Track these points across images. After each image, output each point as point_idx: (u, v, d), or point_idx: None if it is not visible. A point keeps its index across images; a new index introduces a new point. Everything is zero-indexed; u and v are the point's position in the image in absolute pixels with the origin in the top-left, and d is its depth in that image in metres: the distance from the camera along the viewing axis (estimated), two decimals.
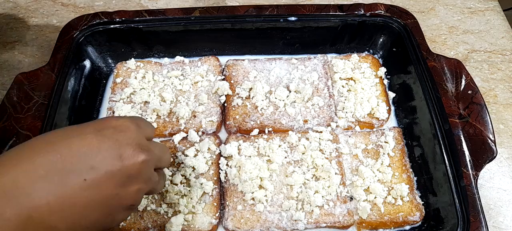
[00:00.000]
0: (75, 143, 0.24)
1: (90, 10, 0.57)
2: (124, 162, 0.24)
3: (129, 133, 0.26)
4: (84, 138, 0.24)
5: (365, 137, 0.45)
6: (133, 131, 0.26)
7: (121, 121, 0.26)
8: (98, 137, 0.24)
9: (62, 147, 0.23)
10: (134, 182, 0.25)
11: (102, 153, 0.24)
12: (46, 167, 0.22)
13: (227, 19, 0.47)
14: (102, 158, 0.24)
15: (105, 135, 0.25)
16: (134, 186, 0.26)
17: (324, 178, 0.40)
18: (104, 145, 0.24)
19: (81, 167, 0.23)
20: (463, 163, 0.37)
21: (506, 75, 0.52)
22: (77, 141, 0.24)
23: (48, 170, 0.22)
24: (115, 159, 0.24)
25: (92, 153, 0.24)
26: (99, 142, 0.24)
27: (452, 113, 0.40)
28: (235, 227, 0.38)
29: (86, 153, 0.23)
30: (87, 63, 0.47)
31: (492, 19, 0.58)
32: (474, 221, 0.35)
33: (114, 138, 0.25)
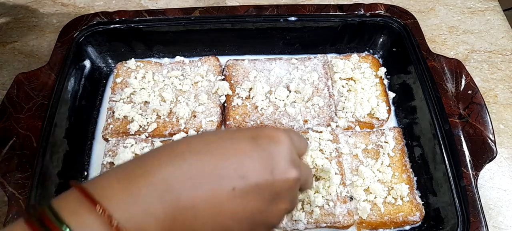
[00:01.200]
0: (228, 148, 0.22)
1: (90, 10, 0.57)
2: (276, 177, 0.22)
3: (284, 146, 0.24)
4: (238, 144, 0.23)
5: (365, 137, 0.45)
6: (288, 145, 0.24)
7: (276, 133, 0.24)
8: (252, 145, 0.23)
9: (215, 150, 0.22)
10: (282, 200, 0.23)
11: (254, 162, 0.22)
12: (197, 168, 0.21)
13: (227, 19, 0.47)
14: (253, 168, 0.22)
15: (260, 144, 0.23)
16: (281, 205, 0.23)
17: (324, 178, 0.40)
18: (257, 154, 0.22)
19: (232, 174, 0.21)
20: (463, 163, 0.37)
21: (506, 75, 0.52)
22: (230, 145, 0.22)
23: (199, 172, 0.21)
24: (267, 172, 0.22)
25: (244, 160, 0.22)
26: (252, 150, 0.22)
27: (452, 114, 0.40)
28: None
29: (238, 159, 0.22)
30: (87, 63, 0.47)
31: (492, 19, 0.58)
32: (474, 221, 0.35)
33: (268, 149, 0.23)
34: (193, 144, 0.22)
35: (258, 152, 0.22)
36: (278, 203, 0.23)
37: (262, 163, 0.22)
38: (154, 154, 0.22)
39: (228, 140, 0.23)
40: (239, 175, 0.21)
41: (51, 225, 0.19)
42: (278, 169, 0.23)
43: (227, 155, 0.22)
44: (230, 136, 0.23)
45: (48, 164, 0.38)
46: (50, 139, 0.39)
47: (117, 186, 0.20)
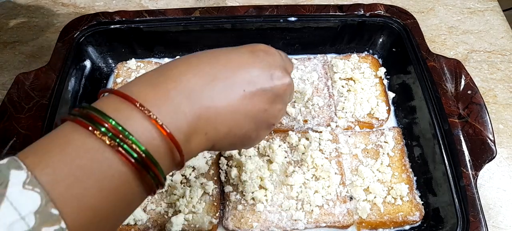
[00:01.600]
0: (234, 59, 0.26)
1: (90, 10, 0.57)
2: (274, 82, 0.27)
3: (276, 57, 0.29)
4: (241, 55, 0.27)
5: (365, 136, 0.45)
6: (279, 57, 0.29)
7: (269, 47, 0.29)
8: (253, 57, 0.27)
9: (224, 60, 0.26)
10: (279, 102, 0.28)
11: (256, 70, 0.26)
12: (212, 75, 0.25)
13: (227, 19, 0.47)
14: (257, 75, 0.26)
15: (258, 55, 0.27)
16: (279, 105, 0.28)
17: (324, 178, 0.40)
18: (258, 64, 0.27)
19: (241, 79, 0.26)
20: (463, 163, 0.38)
21: (506, 75, 0.52)
22: (236, 57, 0.27)
23: (214, 78, 0.25)
24: (268, 78, 0.27)
25: (249, 69, 0.26)
26: (254, 61, 0.27)
27: (452, 114, 0.41)
28: (235, 226, 0.38)
29: (244, 68, 0.26)
30: (87, 63, 0.48)
31: (491, 19, 0.58)
32: (473, 220, 0.35)
33: (266, 59, 0.28)
34: (205, 57, 0.26)
35: (258, 62, 0.27)
36: (277, 104, 0.28)
37: (263, 70, 0.27)
38: (171, 66, 0.25)
39: (232, 54, 0.27)
40: (247, 81, 0.26)
41: (98, 120, 0.21)
42: (276, 75, 0.27)
43: (235, 65, 0.26)
44: (233, 51, 0.27)
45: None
46: None
47: (147, 90, 0.23)
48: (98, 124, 0.20)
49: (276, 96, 0.27)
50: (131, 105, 0.22)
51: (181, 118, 0.23)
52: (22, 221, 0.17)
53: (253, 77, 0.26)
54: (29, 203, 0.18)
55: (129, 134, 0.21)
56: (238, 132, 0.26)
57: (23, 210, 0.17)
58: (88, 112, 0.21)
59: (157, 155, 0.22)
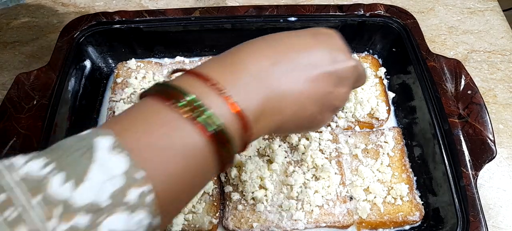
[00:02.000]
0: (297, 42, 0.27)
1: (90, 10, 0.57)
2: (338, 65, 0.27)
3: (338, 40, 0.29)
4: (303, 39, 0.27)
5: (365, 137, 0.45)
6: (340, 40, 0.29)
7: (331, 30, 0.29)
8: (315, 41, 0.27)
9: (287, 44, 0.27)
10: (344, 84, 0.28)
11: (319, 53, 0.27)
12: (276, 58, 0.25)
13: (227, 19, 0.47)
14: (320, 58, 0.26)
15: (319, 39, 0.28)
16: (343, 88, 0.28)
17: (324, 178, 0.40)
18: (320, 46, 0.27)
19: (305, 62, 0.26)
20: (463, 163, 0.38)
21: (506, 75, 0.52)
22: (298, 40, 0.27)
23: (278, 61, 0.25)
24: (330, 60, 0.27)
25: (312, 52, 0.26)
26: (316, 44, 0.27)
27: (452, 114, 0.41)
28: (235, 226, 0.38)
29: (307, 51, 0.26)
30: (87, 63, 0.48)
31: (491, 19, 0.58)
32: (473, 220, 0.35)
33: (328, 42, 0.28)
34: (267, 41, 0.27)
35: (321, 44, 0.27)
36: (342, 87, 0.28)
37: (325, 53, 0.27)
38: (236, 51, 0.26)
39: (294, 38, 0.27)
40: (310, 64, 0.26)
41: (177, 95, 0.22)
42: (339, 58, 0.27)
43: (298, 49, 0.26)
44: (295, 34, 0.28)
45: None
46: (50, 139, 0.39)
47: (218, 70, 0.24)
48: (176, 98, 0.22)
49: (340, 79, 0.27)
50: (205, 83, 0.23)
51: (250, 98, 0.24)
52: (111, 182, 0.18)
53: (316, 60, 0.26)
54: (117, 165, 0.18)
55: (206, 109, 0.22)
56: (303, 114, 0.26)
57: (112, 172, 0.18)
58: (167, 89, 0.22)
59: (229, 129, 0.22)
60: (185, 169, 0.21)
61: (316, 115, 0.27)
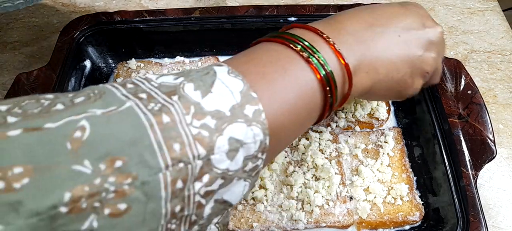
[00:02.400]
0: (388, 10, 0.29)
1: (90, 10, 0.57)
2: (427, 29, 0.29)
3: (423, 9, 0.31)
4: (394, 7, 0.30)
5: (365, 137, 0.45)
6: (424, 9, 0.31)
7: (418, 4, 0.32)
8: (404, 9, 0.30)
9: (380, 11, 0.29)
10: (433, 49, 0.30)
11: (409, 18, 0.29)
12: (371, 22, 0.28)
13: (227, 19, 0.47)
14: (411, 22, 0.29)
15: (409, 8, 0.30)
16: (433, 53, 0.29)
17: (324, 178, 0.40)
18: (410, 13, 0.29)
19: (396, 26, 0.28)
20: (463, 163, 0.38)
21: (506, 75, 0.52)
22: (389, 8, 0.30)
23: (373, 24, 0.28)
24: (421, 25, 0.29)
25: (402, 17, 0.29)
26: (406, 10, 0.30)
27: (452, 114, 0.41)
28: (235, 226, 0.38)
29: (398, 17, 0.29)
30: (87, 63, 0.48)
31: (491, 19, 0.58)
32: (473, 220, 0.35)
33: (416, 10, 0.30)
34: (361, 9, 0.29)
35: (410, 12, 0.30)
36: (431, 51, 0.29)
37: (415, 19, 0.29)
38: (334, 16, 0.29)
39: (385, 6, 0.30)
40: (401, 28, 0.28)
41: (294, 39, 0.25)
42: (428, 24, 0.30)
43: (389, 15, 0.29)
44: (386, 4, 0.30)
45: None
46: None
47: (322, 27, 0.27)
48: (292, 41, 0.24)
49: (429, 43, 0.29)
50: (316, 34, 0.26)
51: (350, 53, 0.26)
52: (231, 95, 0.20)
53: (407, 24, 0.28)
54: (235, 84, 0.21)
55: (319, 54, 0.24)
56: (395, 75, 0.28)
57: (232, 88, 0.20)
58: (283, 34, 0.25)
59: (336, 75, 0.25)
60: (294, 102, 0.23)
61: (407, 78, 0.29)
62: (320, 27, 0.26)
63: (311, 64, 0.24)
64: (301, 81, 0.23)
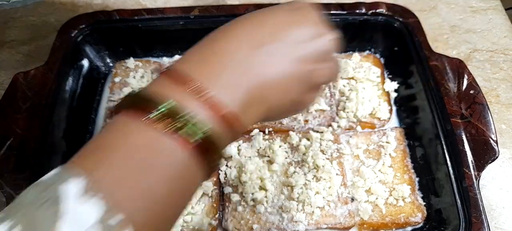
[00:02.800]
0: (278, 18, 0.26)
1: (88, 9, 0.57)
2: (319, 40, 0.26)
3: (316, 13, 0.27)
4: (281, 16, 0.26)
5: (367, 137, 0.44)
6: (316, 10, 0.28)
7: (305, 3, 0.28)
8: (291, 16, 0.26)
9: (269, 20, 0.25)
10: (327, 59, 0.27)
11: (301, 29, 0.26)
12: (256, 42, 0.24)
13: (226, 18, 0.47)
14: (299, 35, 0.25)
15: (296, 14, 0.26)
16: (325, 64, 0.27)
17: (325, 179, 0.40)
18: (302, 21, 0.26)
19: (287, 40, 0.25)
20: (465, 164, 0.37)
21: (508, 75, 0.52)
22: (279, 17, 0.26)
23: (260, 44, 0.24)
24: (312, 35, 0.26)
25: (293, 27, 0.25)
26: (294, 20, 0.26)
27: (454, 114, 0.40)
28: (235, 228, 0.38)
29: (288, 28, 0.25)
30: (85, 62, 0.47)
31: (494, 18, 0.58)
32: (476, 222, 0.35)
33: (308, 16, 0.26)
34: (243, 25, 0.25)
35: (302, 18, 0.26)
36: (324, 62, 0.27)
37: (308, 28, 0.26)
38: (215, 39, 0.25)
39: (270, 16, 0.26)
40: (293, 41, 0.25)
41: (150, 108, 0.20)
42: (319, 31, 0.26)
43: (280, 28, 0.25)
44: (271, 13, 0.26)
45: (46, 164, 0.37)
46: (48, 139, 0.38)
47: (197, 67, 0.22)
48: (151, 110, 0.20)
49: (323, 54, 0.26)
50: (183, 86, 0.21)
51: (234, 91, 0.22)
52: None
53: (298, 36, 0.25)
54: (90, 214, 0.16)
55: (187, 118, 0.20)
56: (289, 97, 0.25)
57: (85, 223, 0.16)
58: (141, 100, 0.21)
59: (215, 134, 0.21)
60: (171, 190, 0.20)
61: (301, 96, 0.26)
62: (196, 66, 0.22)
63: (178, 137, 0.19)
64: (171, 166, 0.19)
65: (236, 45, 0.24)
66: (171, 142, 0.19)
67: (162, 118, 0.19)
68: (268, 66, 0.24)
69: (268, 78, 0.24)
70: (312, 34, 0.26)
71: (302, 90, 0.26)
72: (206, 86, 0.21)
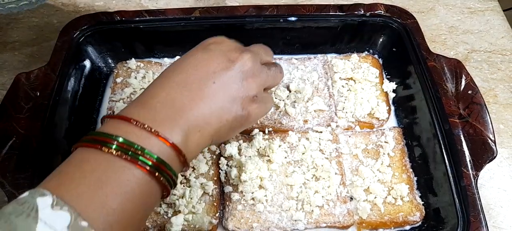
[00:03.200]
0: (192, 61, 0.30)
1: (90, 10, 0.57)
2: (234, 62, 0.30)
3: (226, 43, 0.32)
4: (198, 55, 0.30)
5: (365, 137, 0.45)
6: (229, 41, 0.32)
7: (217, 37, 0.33)
8: (206, 53, 0.30)
9: (186, 66, 0.30)
10: (249, 75, 0.30)
11: (214, 61, 0.30)
12: (182, 82, 0.28)
13: (227, 19, 0.47)
14: (216, 65, 0.29)
15: (211, 49, 0.31)
16: (250, 79, 0.30)
17: (324, 178, 0.40)
18: (213, 55, 0.30)
19: (207, 75, 0.29)
20: (463, 163, 0.37)
21: (506, 75, 0.52)
22: (192, 59, 0.30)
23: (185, 83, 0.28)
24: (226, 63, 0.30)
25: (206, 63, 0.29)
26: (208, 54, 0.30)
27: (452, 113, 0.40)
28: (235, 227, 0.38)
29: (204, 65, 0.29)
30: (87, 63, 0.47)
31: (492, 19, 0.58)
32: (474, 221, 0.35)
33: (218, 49, 0.31)
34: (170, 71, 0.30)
35: (213, 53, 0.30)
36: (247, 79, 0.30)
37: (220, 59, 0.30)
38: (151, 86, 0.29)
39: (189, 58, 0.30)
40: (212, 73, 0.29)
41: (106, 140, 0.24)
42: (232, 56, 0.30)
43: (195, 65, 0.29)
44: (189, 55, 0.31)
45: (48, 164, 0.38)
46: (49, 139, 0.39)
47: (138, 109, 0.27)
48: (106, 143, 0.23)
49: (242, 73, 0.30)
50: (128, 123, 0.25)
51: (174, 126, 0.26)
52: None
53: (214, 68, 0.29)
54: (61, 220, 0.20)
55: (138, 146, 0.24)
56: (229, 117, 0.29)
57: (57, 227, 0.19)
58: (95, 137, 0.24)
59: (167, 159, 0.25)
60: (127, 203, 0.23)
61: (241, 112, 0.30)
62: (135, 112, 0.26)
63: (132, 161, 0.23)
64: (126, 183, 0.23)
65: (166, 90, 0.28)
66: (127, 164, 0.23)
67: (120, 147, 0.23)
68: (200, 99, 0.28)
69: (202, 108, 0.27)
70: (227, 60, 0.30)
71: (239, 107, 0.29)
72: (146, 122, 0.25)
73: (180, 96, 0.27)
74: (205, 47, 0.31)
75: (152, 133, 0.25)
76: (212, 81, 0.28)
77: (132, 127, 0.25)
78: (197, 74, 0.29)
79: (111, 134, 0.24)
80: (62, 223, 0.20)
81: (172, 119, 0.26)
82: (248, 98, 0.30)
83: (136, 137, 0.24)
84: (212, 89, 0.28)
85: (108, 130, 0.25)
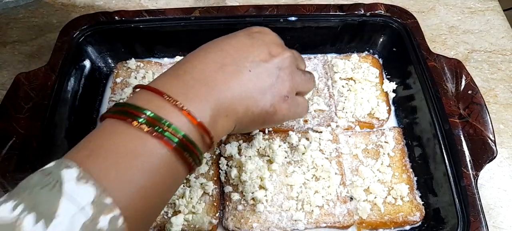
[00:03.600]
0: (234, 44, 0.29)
1: (90, 10, 0.57)
2: (274, 59, 0.30)
3: (271, 35, 0.32)
4: (240, 40, 0.30)
5: (365, 137, 0.45)
6: (273, 34, 0.32)
7: (263, 28, 0.32)
8: (250, 39, 0.30)
9: (227, 47, 0.29)
10: (284, 73, 0.30)
11: (256, 50, 0.29)
12: (220, 62, 0.28)
13: (227, 19, 0.47)
14: (257, 54, 0.29)
15: (254, 36, 0.31)
16: (285, 78, 0.30)
17: (324, 178, 0.40)
18: (256, 43, 0.30)
19: (244, 61, 0.28)
20: (463, 163, 0.37)
21: (506, 75, 0.52)
22: (235, 42, 0.30)
23: (222, 64, 0.28)
24: (267, 55, 0.30)
25: (249, 50, 0.29)
26: (252, 41, 0.30)
27: (452, 113, 0.40)
28: (235, 227, 0.38)
29: (245, 50, 0.29)
30: (87, 63, 0.47)
31: (492, 19, 0.58)
32: (474, 221, 0.35)
33: (262, 38, 0.31)
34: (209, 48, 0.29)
35: (256, 42, 0.30)
36: (282, 77, 0.30)
37: (262, 49, 0.30)
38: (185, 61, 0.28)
39: (232, 40, 0.30)
40: (251, 61, 0.29)
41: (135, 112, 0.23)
42: (274, 50, 0.30)
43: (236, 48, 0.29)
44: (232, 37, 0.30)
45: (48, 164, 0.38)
46: (49, 139, 0.39)
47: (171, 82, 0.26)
48: (136, 116, 0.23)
49: (279, 70, 0.30)
50: (160, 97, 0.24)
51: (204, 105, 0.25)
52: (81, 212, 0.19)
53: (254, 57, 0.29)
54: (85, 195, 0.19)
55: (167, 122, 0.23)
56: (255, 109, 0.28)
57: (81, 202, 0.19)
58: (125, 108, 0.24)
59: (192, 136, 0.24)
60: (153, 181, 0.22)
61: (268, 108, 0.29)
62: (167, 85, 0.25)
63: (159, 137, 0.22)
64: (153, 160, 0.22)
65: (205, 64, 0.27)
66: (155, 141, 0.23)
67: (145, 122, 0.23)
68: (233, 82, 0.27)
69: (234, 92, 0.27)
70: (268, 53, 0.30)
71: (267, 102, 0.29)
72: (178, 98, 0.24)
73: (214, 75, 0.27)
74: (249, 34, 0.31)
75: (183, 111, 0.24)
76: (249, 69, 0.28)
77: (163, 102, 0.24)
78: (235, 57, 0.28)
79: (143, 107, 0.23)
80: (86, 198, 0.19)
81: (203, 98, 0.26)
82: (279, 96, 0.30)
83: (165, 112, 0.24)
84: (246, 77, 0.28)
85: (140, 102, 0.24)
